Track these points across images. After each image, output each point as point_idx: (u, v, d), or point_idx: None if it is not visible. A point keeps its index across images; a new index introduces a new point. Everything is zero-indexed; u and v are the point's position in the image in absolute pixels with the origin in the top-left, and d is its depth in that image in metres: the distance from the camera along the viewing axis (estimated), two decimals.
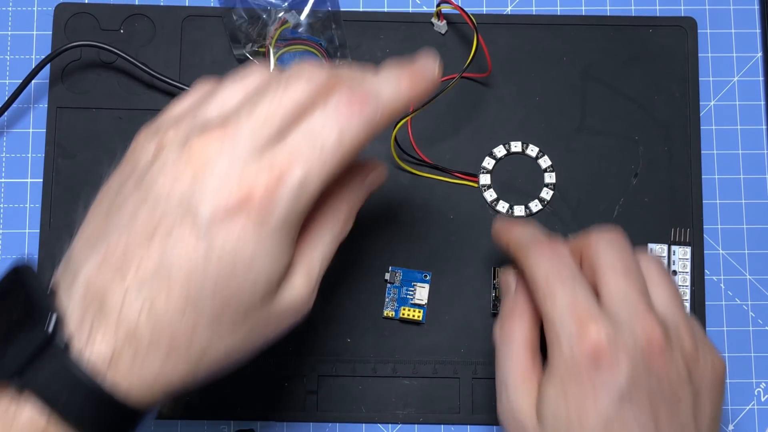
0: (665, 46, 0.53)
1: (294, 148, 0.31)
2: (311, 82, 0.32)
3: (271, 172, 0.31)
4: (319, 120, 0.32)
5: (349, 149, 0.32)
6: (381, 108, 0.33)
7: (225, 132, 0.31)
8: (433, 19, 0.53)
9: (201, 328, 0.32)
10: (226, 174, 0.31)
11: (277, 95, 0.32)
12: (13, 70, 0.53)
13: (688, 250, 0.51)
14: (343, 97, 0.32)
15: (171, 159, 0.32)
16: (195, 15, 0.53)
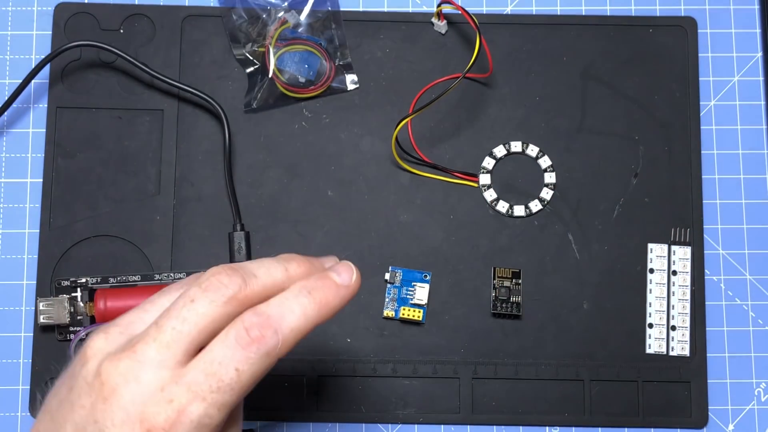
0: (665, 46, 0.53)
1: (193, 383, 0.31)
2: (217, 300, 0.32)
3: (171, 407, 0.31)
4: (219, 353, 0.32)
5: (248, 382, 0.32)
6: (282, 339, 0.33)
7: (133, 358, 0.31)
8: (434, 19, 0.53)
9: None
10: (130, 407, 0.31)
11: (182, 314, 0.32)
12: (13, 70, 0.53)
13: (688, 250, 0.51)
14: (243, 330, 0.32)
15: (88, 381, 0.32)
16: (195, 15, 0.53)
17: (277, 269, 0.34)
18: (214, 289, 0.33)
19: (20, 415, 0.50)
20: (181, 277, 0.50)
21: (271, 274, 0.34)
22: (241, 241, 0.51)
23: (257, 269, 0.34)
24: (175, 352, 0.32)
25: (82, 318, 0.50)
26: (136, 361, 0.31)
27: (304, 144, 0.52)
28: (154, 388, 0.31)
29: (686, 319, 0.50)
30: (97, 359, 0.32)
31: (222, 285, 0.33)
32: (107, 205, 0.51)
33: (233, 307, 0.33)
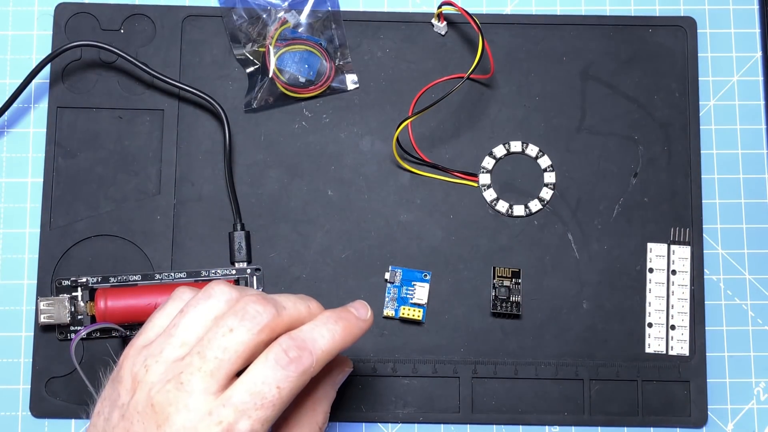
0: (665, 45, 0.53)
1: (239, 403, 0.35)
2: (253, 329, 0.36)
3: (220, 427, 0.35)
4: (261, 374, 0.36)
5: (287, 397, 0.36)
6: (316, 359, 0.37)
7: (180, 389, 0.35)
8: (434, 20, 0.53)
9: None
10: (181, 427, 0.34)
11: (223, 344, 0.36)
12: (14, 70, 0.53)
13: (687, 250, 0.51)
14: (282, 352, 0.36)
15: (138, 410, 0.35)
16: (195, 15, 0.53)
17: (302, 304, 0.39)
18: (250, 318, 0.36)
19: (20, 415, 0.50)
20: (182, 276, 0.50)
21: (297, 307, 0.38)
22: (241, 241, 0.51)
23: (285, 301, 0.38)
24: (218, 379, 0.35)
25: (82, 317, 0.50)
26: (184, 391, 0.35)
27: (304, 144, 0.52)
28: (203, 413, 0.35)
29: (686, 319, 0.50)
30: (145, 390, 0.35)
31: (258, 314, 0.36)
32: (108, 204, 0.51)
33: (266, 335, 0.36)
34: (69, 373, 0.50)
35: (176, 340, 0.37)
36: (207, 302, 0.38)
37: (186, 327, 0.37)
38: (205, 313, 0.37)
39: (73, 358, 0.46)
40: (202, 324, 0.37)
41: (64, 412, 0.50)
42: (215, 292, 0.38)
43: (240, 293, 0.38)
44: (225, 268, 0.51)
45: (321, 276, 0.51)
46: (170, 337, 0.37)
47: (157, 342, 0.37)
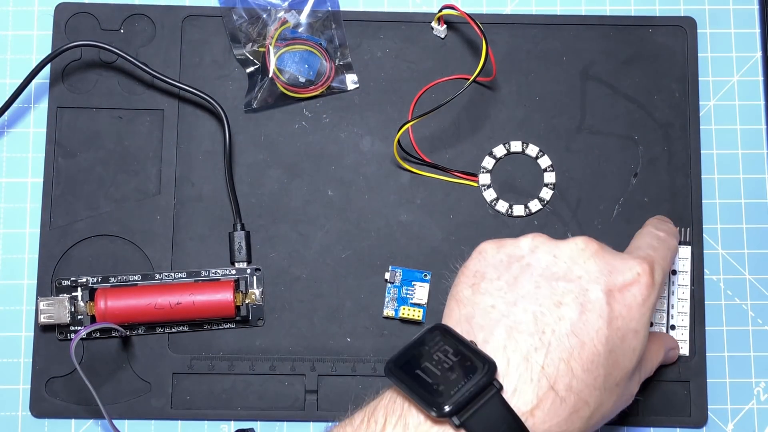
0: (665, 46, 0.53)
1: (652, 252, 0.42)
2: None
3: (646, 262, 0.40)
4: (653, 240, 0.43)
5: (672, 260, 0.44)
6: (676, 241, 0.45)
7: (600, 244, 0.41)
8: (433, 23, 0.53)
9: (598, 385, 0.38)
10: (612, 260, 0.40)
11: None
12: (14, 70, 0.53)
13: (687, 250, 0.51)
14: (655, 229, 0.45)
15: (556, 250, 0.40)
16: (195, 15, 0.53)
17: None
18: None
19: (20, 415, 0.50)
20: (182, 276, 0.50)
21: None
22: (241, 241, 0.51)
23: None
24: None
25: (82, 317, 0.50)
26: (601, 245, 0.41)
27: (304, 144, 0.52)
28: (620, 255, 0.41)
29: (686, 319, 0.50)
30: (549, 242, 0.41)
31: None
32: (107, 204, 0.51)
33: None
34: (69, 373, 0.50)
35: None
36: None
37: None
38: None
39: (73, 358, 0.46)
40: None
41: (64, 412, 0.50)
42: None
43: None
44: (225, 268, 0.51)
45: (321, 276, 0.51)
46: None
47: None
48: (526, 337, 0.37)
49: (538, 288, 0.39)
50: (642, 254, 0.42)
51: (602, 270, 0.39)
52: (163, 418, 0.50)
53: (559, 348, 0.37)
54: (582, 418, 0.37)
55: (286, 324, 0.51)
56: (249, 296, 0.50)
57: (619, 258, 0.40)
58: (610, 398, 0.39)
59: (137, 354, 0.50)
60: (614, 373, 0.38)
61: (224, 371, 0.50)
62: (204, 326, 0.50)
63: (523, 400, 0.36)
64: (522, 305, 0.38)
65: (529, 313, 0.38)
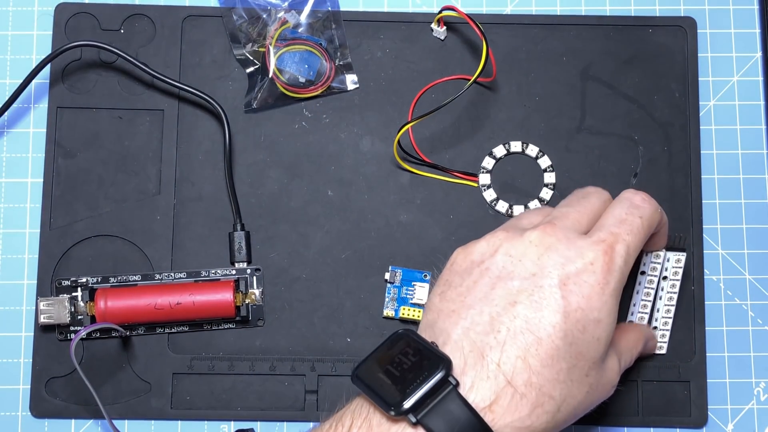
0: (665, 46, 0.53)
1: (612, 230, 0.40)
2: (600, 198, 0.43)
3: (601, 245, 0.40)
4: (620, 210, 0.42)
5: (647, 229, 0.42)
6: (657, 207, 0.43)
7: (553, 226, 0.40)
8: (433, 24, 0.53)
9: (562, 378, 0.38)
10: (566, 251, 0.39)
11: (576, 205, 0.43)
12: (13, 70, 0.53)
13: (681, 257, 0.49)
14: (631, 196, 0.43)
15: (512, 249, 0.40)
16: (195, 15, 0.53)
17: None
18: (596, 193, 0.44)
19: (20, 415, 0.50)
20: (182, 276, 0.50)
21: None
22: (241, 241, 0.51)
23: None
24: (581, 222, 0.42)
25: (82, 318, 0.50)
26: (558, 227, 0.41)
27: (304, 144, 0.52)
28: (579, 239, 0.40)
29: (669, 323, 0.50)
30: (512, 234, 0.41)
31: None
32: (107, 205, 0.51)
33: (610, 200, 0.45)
34: (69, 373, 0.50)
35: (524, 221, 0.43)
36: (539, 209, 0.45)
37: (529, 216, 0.44)
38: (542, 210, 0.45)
39: (73, 358, 0.46)
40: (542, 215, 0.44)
41: (64, 412, 0.50)
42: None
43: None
44: (225, 268, 0.51)
45: (321, 276, 0.51)
46: (515, 221, 0.44)
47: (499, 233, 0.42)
48: (482, 337, 0.38)
49: (494, 290, 0.39)
50: (601, 235, 0.40)
51: (555, 263, 0.39)
52: (163, 419, 0.50)
53: (514, 345, 0.37)
54: (548, 413, 0.37)
55: (286, 324, 0.51)
56: (249, 296, 0.50)
57: (573, 246, 0.40)
58: (580, 390, 0.39)
59: (137, 354, 0.50)
60: (579, 364, 0.38)
61: (224, 371, 0.50)
62: (204, 326, 0.50)
63: (480, 396, 0.37)
64: (479, 308, 0.39)
65: (485, 315, 0.39)
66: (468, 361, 0.38)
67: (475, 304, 0.39)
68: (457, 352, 0.38)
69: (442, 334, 0.39)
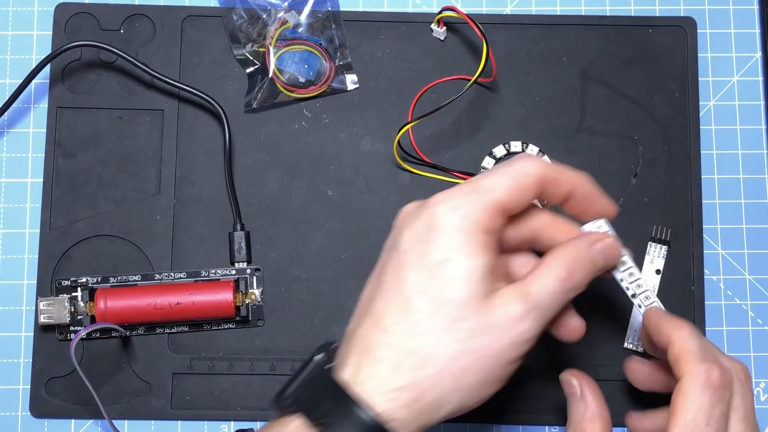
0: (665, 46, 0.53)
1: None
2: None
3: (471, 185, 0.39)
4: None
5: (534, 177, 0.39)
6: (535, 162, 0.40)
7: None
8: (433, 25, 0.53)
9: (419, 330, 0.36)
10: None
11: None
12: (13, 70, 0.53)
13: (664, 249, 0.50)
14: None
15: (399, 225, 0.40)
16: (195, 15, 0.53)
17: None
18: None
19: (20, 415, 0.50)
20: (182, 276, 0.50)
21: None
22: (241, 241, 0.51)
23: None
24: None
25: (82, 318, 0.50)
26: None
27: (304, 144, 0.52)
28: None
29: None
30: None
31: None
32: (107, 205, 0.51)
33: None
34: (69, 374, 0.50)
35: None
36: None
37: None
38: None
39: (73, 359, 0.46)
40: None
41: (64, 412, 0.50)
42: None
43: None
44: (225, 268, 0.51)
45: (321, 276, 0.51)
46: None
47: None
48: (354, 318, 0.39)
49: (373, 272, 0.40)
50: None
51: (409, 234, 0.39)
52: (163, 419, 0.50)
53: (369, 313, 0.37)
54: (413, 368, 0.35)
55: (286, 324, 0.51)
56: (249, 296, 0.50)
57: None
58: (454, 337, 0.36)
59: (137, 354, 0.50)
60: (442, 311, 0.36)
61: (224, 371, 0.50)
62: (204, 326, 0.50)
63: (348, 371, 0.36)
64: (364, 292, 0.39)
65: (363, 298, 0.39)
66: (344, 343, 0.38)
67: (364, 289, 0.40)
68: (351, 349, 0.37)
69: (348, 333, 0.39)
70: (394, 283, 0.37)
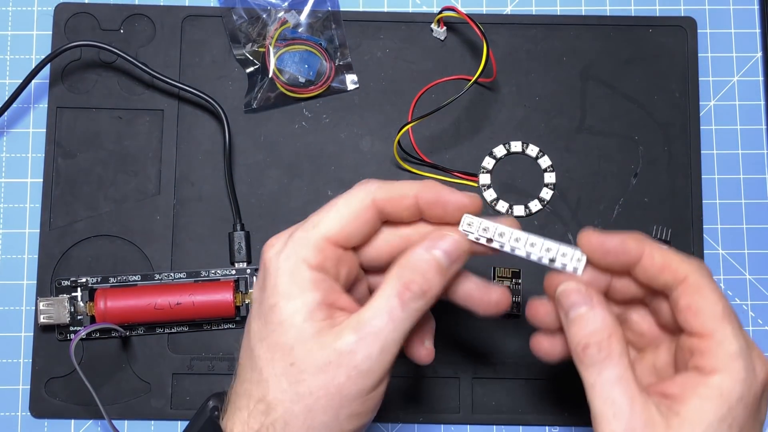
0: (665, 46, 0.53)
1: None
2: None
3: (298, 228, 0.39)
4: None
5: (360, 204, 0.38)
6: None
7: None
8: (433, 25, 0.53)
9: (264, 377, 0.36)
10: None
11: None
12: (13, 70, 0.53)
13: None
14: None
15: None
16: (195, 15, 0.53)
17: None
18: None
19: (20, 415, 0.50)
20: (181, 276, 0.50)
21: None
22: (241, 241, 0.51)
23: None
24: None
25: (82, 318, 0.50)
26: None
27: (304, 144, 0.52)
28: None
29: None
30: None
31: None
32: (107, 205, 0.51)
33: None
34: (69, 374, 0.50)
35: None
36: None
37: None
38: None
39: (73, 359, 0.46)
40: None
41: (63, 412, 0.50)
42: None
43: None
44: (225, 268, 0.51)
45: None
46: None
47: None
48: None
49: None
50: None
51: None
52: (163, 419, 0.50)
53: (237, 364, 0.39)
54: (262, 412, 0.36)
55: None
56: (249, 296, 0.50)
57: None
58: (288, 381, 0.36)
59: (137, 354, 0.50)
60: (277, 355, 0.36)
61: (224, 371, 0.50)
62: (204, 326, 0.50)
63: (223, 419, 0.38)
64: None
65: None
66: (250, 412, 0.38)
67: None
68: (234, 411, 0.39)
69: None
70: (245, 333, 0.38)
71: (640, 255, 0.37)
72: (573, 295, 0.37)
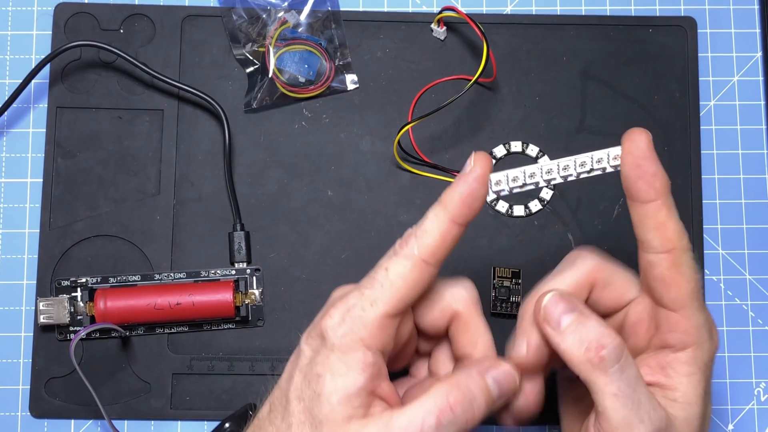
0: (665, 46, 0.53)
1: (356, 288, 0.38)
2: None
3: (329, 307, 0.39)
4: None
5: (398, 280, 0.37)
6: (420, 242, 0.37)
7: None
8: (433, 25, 0.53)
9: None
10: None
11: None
12: (13, 70, 0.53)
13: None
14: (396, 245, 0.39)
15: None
16: (195, 15, 0.53)
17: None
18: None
19: (20, 415, 0.50)
20: (181, 276, 0.50)
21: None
22: (241, 241, 0.51)
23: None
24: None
25: (82, 318, 0.50)
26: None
27: (304, 144, 0.52)
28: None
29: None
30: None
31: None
32: (107, 205, 0.51)
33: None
34: (68, 374, 0.50)
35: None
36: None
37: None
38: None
39: (73, 359, 0.46)
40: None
41: (63, 412, 0.50)
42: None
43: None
44: (225, 269, 0.51)
45: (321, 276, 0.51)
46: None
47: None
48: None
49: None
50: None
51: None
52: (163, 419, 0.50)
53: (269, 398, 0.39)
54: None
55: (286, 324, 0.51)
56: (249, 296, 0.50)
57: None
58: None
59: (137, 354, 0.50)
60: (308, 422, 0.36)
61: (224, 371, 0.50)
62: (204, 326, 0.50)
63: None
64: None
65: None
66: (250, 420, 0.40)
67: None
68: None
69: None
70: (287, 375, 0.38)
71: (657, 198, 0.38)
72: (564, 303, 0.37)
